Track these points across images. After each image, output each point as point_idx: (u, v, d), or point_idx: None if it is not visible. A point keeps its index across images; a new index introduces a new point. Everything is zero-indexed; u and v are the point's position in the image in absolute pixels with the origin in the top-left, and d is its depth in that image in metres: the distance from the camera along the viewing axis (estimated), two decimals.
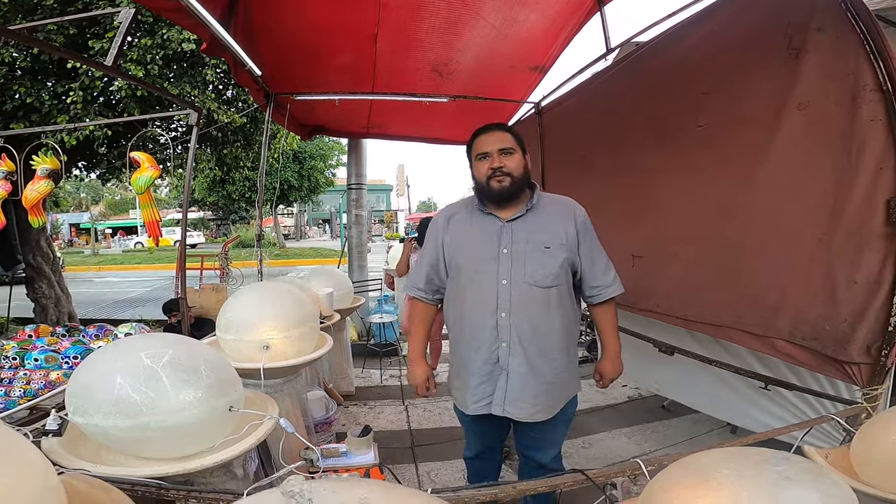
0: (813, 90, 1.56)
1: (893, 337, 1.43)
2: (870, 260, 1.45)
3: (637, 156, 2.43)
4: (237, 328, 1.84)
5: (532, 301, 1.56)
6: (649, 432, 2.89)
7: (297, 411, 2.07)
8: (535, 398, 1.58)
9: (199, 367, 1.23)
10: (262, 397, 1.54)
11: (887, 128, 1.37)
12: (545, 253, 1.58)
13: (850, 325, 1.52)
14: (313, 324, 1.98)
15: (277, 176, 6.37)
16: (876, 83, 1.39)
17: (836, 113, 1.49)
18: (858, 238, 1.47)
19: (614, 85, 2.61)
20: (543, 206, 1.65)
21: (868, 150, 1.42)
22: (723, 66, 1.88)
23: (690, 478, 0.81)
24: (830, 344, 1.58)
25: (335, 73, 3.48)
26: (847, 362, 1.55)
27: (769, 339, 1.77)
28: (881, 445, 1.08)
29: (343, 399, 3.42)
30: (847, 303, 1.52)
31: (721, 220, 1.94)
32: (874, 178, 1.42)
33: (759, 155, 1.74)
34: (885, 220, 1.40)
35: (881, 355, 1.46)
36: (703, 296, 2.04)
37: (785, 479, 0.73)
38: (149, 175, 2.36)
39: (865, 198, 1.45)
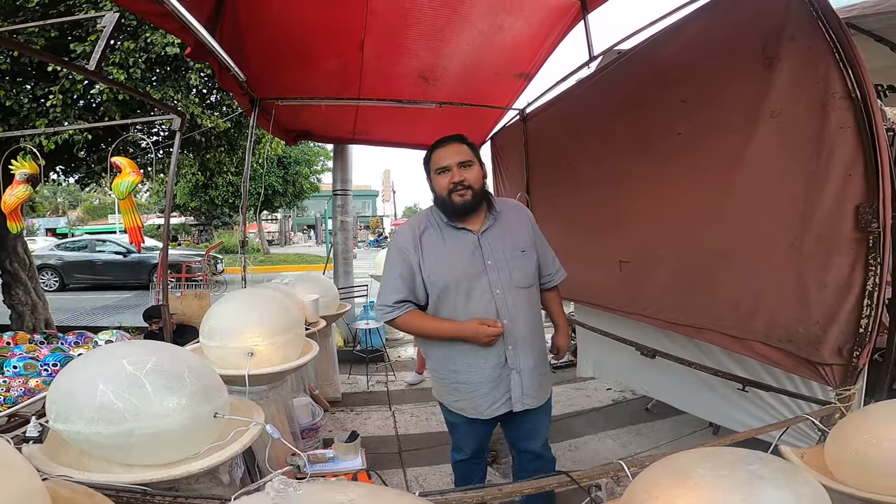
0: (785, 98, 1.61)
1: (864, 338, 1.48)
2: (839, 264, 1.50)
3: (620, 163, 2.48)
4: (221, 335, 1.83)
5: (522, 302, 1.69)
6: (634, 434, 2.94)
7: (283, 417, 2.05)
8: (540, 386, 1.75)
9: (182, 373, 1.22)
10: (248, 403, 1.53)
11: (856, 135, 1.42)
12: (522, 256, 1.71)
13: (821, 327, 1.57)
14: (298, 330, 1.97)
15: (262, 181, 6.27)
16: (845, 90, 1.43)
17: (807, 120, 1.53)
18: (828, 243, 1.52)
19: (597, 92, 2.66)
20: (503, 213, 1.76)
21: (837, 157, 1.46)
22: (701, 75, 1.93)
23: (669, 478, 0.84)
24: (804, 346, 1.63)
25: (321, 78, 3.48)
26: (820, 363, 1.60)
27: (747, 341, 1.82)
28: (853, 445, 1.12)
29: (329, 405, 3.40)
30: (818, 305, 1.57)
31: (700, 227, 1.99)
32: (843, 184, 1.46)
33: (734, 162, 1.80)
34: (854, 226, 1.44)
35: (853, 356, 1.51)
36: (686, 300, 2.09)
37: (759, 477, 0.76)
38: (130, 180, 2.32)
39: (835, 204, 1.49)
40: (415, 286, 1.67)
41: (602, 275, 2.65)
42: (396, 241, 1.75)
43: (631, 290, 2.41)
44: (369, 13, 2.73)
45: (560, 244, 3.35)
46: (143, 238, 2.39)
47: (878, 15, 2.04)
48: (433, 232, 1.69)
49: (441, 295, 1.66)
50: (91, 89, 3.88)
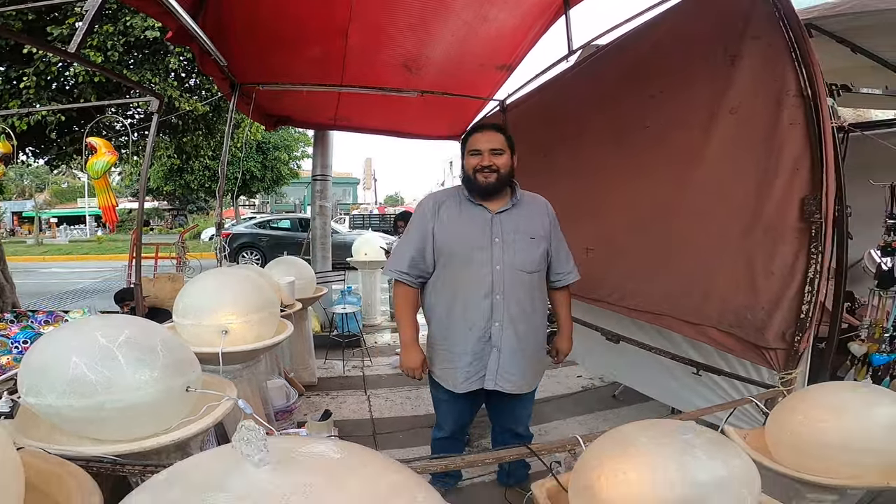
0: (744, 95, 1.69)
1: (805, 323, 1.59)
2: (785, 253, 1.61)
3: (592, 154, 2.57)
4: (195, 313, 1.85)
5: (521, 285, 1.78)
6: (600, 420, 3.06)
7: (257, 399, 2.08)
8: (523, 372, 1.82)
9: (155, 346, 1.23)
10: (221, 380, 1.56)
11: (805, 131, 1.51)
12: (531, 243, 1.80)
13: (767, 312, 1.68)
14: (273, 309, 2.00)
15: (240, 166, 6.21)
16: (798, 88, 1.51)
17: (763, 117, 1.62)
18: (775, 233, 1.63)
19: (574, 86, 2.74)
20: (524, 202, 1.86)
21: (787, 152, 1.56)
22: (670, 71, 2.01)
23: (615, 448, 0.92)
24: (752, 331, 1.73)
25: (304, 64, 3.46)
26: (765, 348, 1.70)
27: (701, 326, 1.92)
28: (789, 426, 1.18)
29: (305, 389, 3.43)
30: (765, 292, 1.68)
31: (662, 216, 2.09)
32: (791, 177, 1.56)
33: (695, 156, 1.89)
34: (798, 217, 1.55)
35: (794, 341, 1.62)
36: (646, 287, 2.19)
37: (691, 446, 0.84)
38: (105, 160, 2.30)
39: (783, 196, 1.59)
40: (424, 255, 1.82)
41: None
42: (420, 208, 1.91)
43: (595, 278, 2.51)
44: (355, 1, 2.73)
45: None
46: (116, 217, 2.37)
47: (838, 16, 2.11)
48: (452, 204, 1.84)
49: (447, 261, 1.80)
50: (66, 72, 3.77)
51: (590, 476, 0.88)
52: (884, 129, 2.96)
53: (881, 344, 2.27)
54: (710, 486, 0.80)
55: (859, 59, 2.38)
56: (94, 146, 2.33)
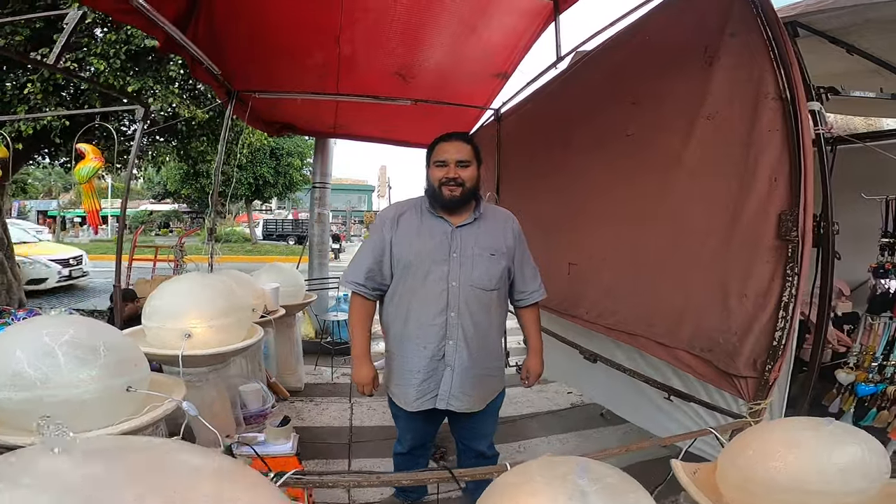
0: (721, 98, 1.58)
1: (777, 351, 1.48)
2: (759, 274, 1.50)
3: (577, 164, 2.51)
4: (161, 316, 1.87)
5: (477, 302, 1.72)
6: (583, 439, 2.98)
7: (225, 401, 2.09)
8: (473, 389, 1.75)
9: (97, 346, 1.27)
10: (174, 381, 1.57)
11: (784, 138, 1.39)
12: (490, 259, 1.73)
13: (739, 337, 1.58)
14: (241, 315, 2.01)
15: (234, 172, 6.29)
16: (777, 91, 1.40)
17: (740, 122, 1.51)
18: (751, 251, 1.52)
19: (561, 94, 2.70)
20: (487, 216, 1.80)
21: (764, 161, 1.45)
22: (651, 75, 1.93)
23: (516, 479, 0.87)
24: (723, 356, 1.64)
25: (299, 72, 3.51)
26: (735, 375, 1.61)
27: (673, 349, 1.84)
28: (739, 461, 1.08)
29: (290, 395, 3.44)
30: (737, 316, 1.58)
31: (639, 231, 2.02)
32: (768, 190, 1.45)
33: (672, 166, 1.81)
34: (775, 234, 1.43)
35: (765, 370, 1.51)
36: (623, 305, 2.12)
37: (581, 493, 0.77)
38: (92, 166, 2.37)
39: (759, 210, 1.47)
40: (381, 267, 1.77)
41: (553, 277, 2.69)
42: (379, 217, 1.87)
43: (576, 294, 2.45)
44: (344, 9, 2.77)
45: None
46: (100, 220, 2.43)
47: (826, 12, 1.94)
48: (413, 215, 1.78)
49: (403, 272, 1.74)
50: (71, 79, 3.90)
51: None
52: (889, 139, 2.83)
53: (869, 373, 2.16)
54: None
55: (859, 61, 2.23)
56: (82, 152, 2.39)
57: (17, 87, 3.71)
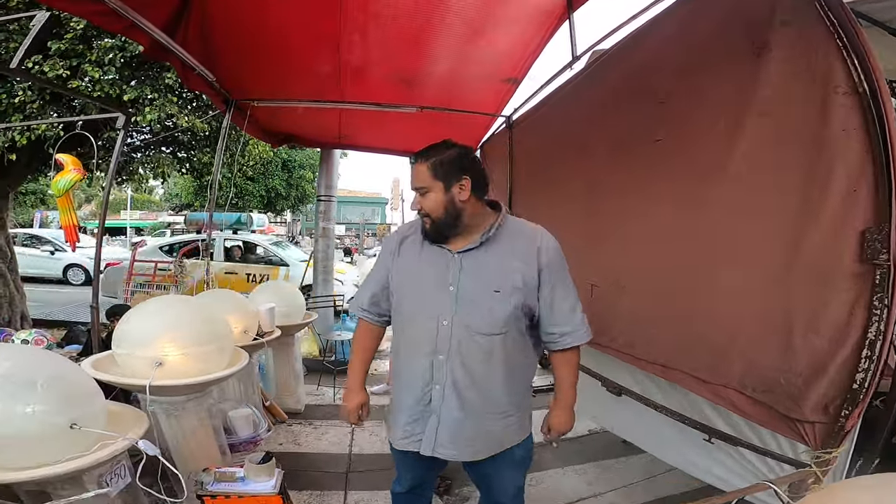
0: (776, 95, 1.35)
1: (858, 396, 1.22)
2: (836, 304, 1.24)
3: (597, 173, 2.27)
4: (130, 342, 1.68)
5: (473, 347, 1.39)
6: (602, 470, 2.69)
7: (207, 430, 1.88)
8: (467, 440, 1.43)
9: (35, 381, 1.16)
10: (135, 414, 1.41)
11: (863, 139, 1.15)
12: (493, 298, 1.38)
13: (805, 379, 1.32)
14: (221, 343, 1.80)
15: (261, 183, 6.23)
16: (850, 84, 1.16)
17: (801, 122, 1.28)
18: (823, 277, 1.26)
19: (576, 96, 2.48)
20: (504, 236, 1.45)
21: (839, 168, 1.20)
22: (680, 72, 1.70)
23: None
24: (783, 399, 1.38)
25: (299, 79, 3.37)
26: (800, 420, 1.35)
27: (717, 386, 1.58)
28: None
29: (288, 417, 3.22)
30: (805, 353, 1.32)
31: (675, 249, 1.76)
32: (845, 202, 1.20)
33: (714, 174, 1.56)
34: (857, 256, 1.17)
35: (840, 415, 1.26)
36: (656, 333, 1.86)
37: None
38: (69, 178, 2.22)
39: (834, 227, 1.22)
40: (385, 294, 1.56)
41: None
42: (385, 241, 1.66)
43: (599, 319, 2.19)
44: (344, 14, 2.61)
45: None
46: (78, 237, 2.27)
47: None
48: (415, 240, 1.52)
49: (397, 306, 1.51)
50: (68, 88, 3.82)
51: None
52: None
53: None
54: None
55: None
56: (61, 163, 2.24)
57: (11, 96, 3.63)
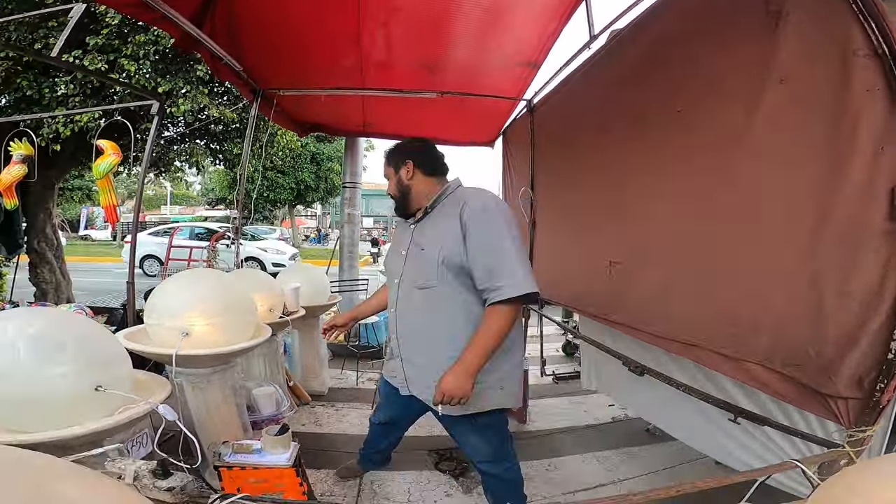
0: (796, 59, 1.32)
1: (893, 367, 1.15)
2: (867, 265, 1.18)
3: (617, 149, 2.22)
4: (159, 313, 1.76)
5: (410, 301, 1.65)
6: (625, 457, 2.65)
7: (230, 405, 1.95)
8: (429, 386, 1.55)
9: (65, 342, 1.19)
10: (158, 382, 1.47)
11: (887, 98, 1.12)
12: (420, 255, 1.64)
13: (838, 349, 1.25)
14: (244, 314, 1.87)
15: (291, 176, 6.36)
16: (870, 47, 1.14)
17: (824, 85, 1.24)
18: (853, 238, 1.21)
19: (594, 76, 2.42)
20: (448, 204, 1.67)
21: (864, 127, 1.16)
22: (698, 42, 1.67)
23: None
24: (815, 373, 1.31)
25: (322, 69, 3.42)
26: (831, 396, 1.28)
27: (741, 362, 1.51)
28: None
29: (311, 399, 3.31)
30: (836, 320, 1.25)
31: (696, 219, 1.71)
32: (873, 160, 1.15)
33: (738, 143, 1.51)
34: (887, 214, 1.12)
35: (875, 389, 1.19)
36: (676, 308, 1.80)
37: None
38: (109, 161, 2.34)
39: (862, 186, 1.18)
40: None
41: (591, 277, 2.40)
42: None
43: (619, 296, 2.16)
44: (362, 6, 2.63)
45: (555, 242, 3.13)
46: (118, 216, 2.40)
47: None
48: (400, 222, 1.87)
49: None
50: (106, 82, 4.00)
51: None
52: None
53: None
54: None
55: None
56: (101, 148, 2.37)
57: (53, 90, 3.84)
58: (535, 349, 4.25)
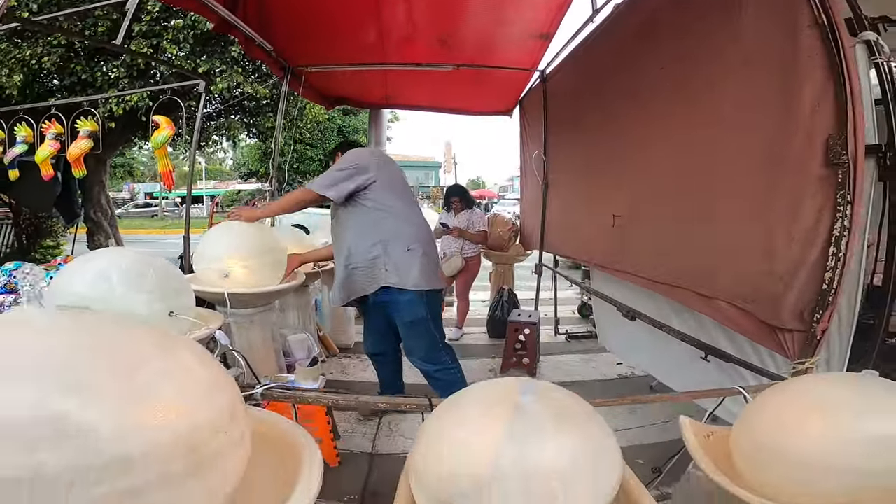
0: (757, 37, 1.49)
1: (827, 297, 1.32)
2: (807, 209, 1.36)
3: (617, 118, 2.41)
4: (205, 259, 2.10)
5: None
6: (630, 411, 2.80)
7: (269, 347, 2.30)
8: (338, 289, 2.20)
9: (147, 273, 1.43)
10: (212, 314, 1.75)
11: (824, 64, 1.28)
12: None
13: (785, 284, 1.44)
14: (274, 256, 2.20)
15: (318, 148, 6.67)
16: (812, 18, 1.30)
17: (779, 58, 1.41)
18: (797, 184, 1.39)
19: (598, 49, 2.59)
20: None
21: (807, 91, 1.33)
22: (684, 17, 1.84)
23: (447, 405, 0.85)
24: (767, 307, 1.50)
25: (346, 44, 3.61)
26: (780, 328, 1.47)
27: (713, 300, 1.72)
28: (753, 425, 0.90)
29: (339, 351, 3.67)
30: (783, 260, 1.44)
31: (678, 177, 1.92)
32: (811, 117, 1.33)
33: (714, 114, 1.70)
34: (823, 161, 1.29)
35: (814, 321, 1.36)
36: (665, 255, 2.02)
37: (523, 412, 0.72)
38: (165, 134, 2.67)
39: (805, 140, 1.35)
40: None
41: (598, 230, 2.63)
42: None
43: (620, 246, 2.37)
44: None
45: (566, 200, 3.35)
46: (173, 181, 2.74)
47: None
48: None
49: None
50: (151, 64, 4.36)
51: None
52: None
53: None
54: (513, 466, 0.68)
55: None
56: (157, 122, 2.69)
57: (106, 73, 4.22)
58: (550, 311, 4.47)
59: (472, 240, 4.13)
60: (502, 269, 4.78)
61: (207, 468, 0.63)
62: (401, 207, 2.17)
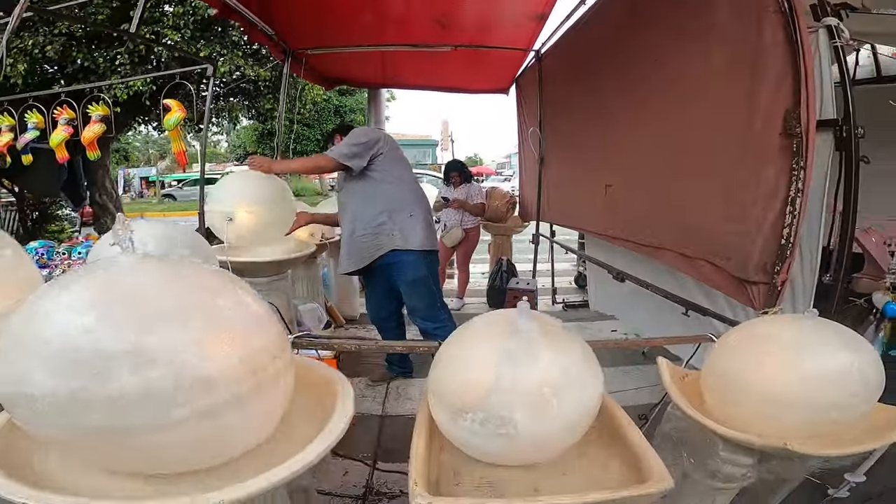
0: (729, 18, 1.63)
1: (786, 251, 1.49)
2: (768, 174, 1.54)
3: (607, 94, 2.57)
4: (213, 201, 2.28)
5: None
6: (623, 374, 2.87)
7: (286, 313, 2.48)
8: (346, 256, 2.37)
9: (175, 238, 1.57)
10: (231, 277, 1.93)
11: (786, 47, 1.44)
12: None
13: (752, 240, 1.61)
14: (279, 204, 2.34)
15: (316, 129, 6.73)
16: (776, 4, 1.45)
17: (747, 42, 1.56)
18: (760, 154, 1.56)
19: (590, 27, 2.72)
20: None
21: (771, 72, 1.49)
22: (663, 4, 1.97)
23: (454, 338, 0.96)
24: (737, 263, 1.67)
25: (345, 27, 3.67)
26: (748, 282, 1.64)
27: (694, 260, 1.90)
28: (719, 366, 1.01)
29: (345, 321, 3.86)
30: (750, 220, 1.62)
31: (660, 147, 2.09)
32: (774, 95, 1.49)
33: (696, 92, 1.86)
34: (781, 131, 1.47)
35: (774, 272, 1.54)
36: (650, 219, 2.21)
37: (518, 332, 0.84)
38: (177, 116, 2.80)
39: (767, 117, 1.52)
40: None
41: (592, 198, 2.80)
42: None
43: (612, 213, 2.54)
44: None
45: (561, 173, 3.51)
46: (187, 160, 2.90)
47: None
48: None
49: None
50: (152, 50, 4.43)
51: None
52: None
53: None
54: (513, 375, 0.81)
55: None
56: (168, 106, 2.82)
57: (108, 60, 4.30)
58: (548, 282, 4.64)
59: (472, 211, 4.29)
60: (500, 241, 4.95)
61: (266, 390, 0.75)
62: (403, 178, 2.38)
